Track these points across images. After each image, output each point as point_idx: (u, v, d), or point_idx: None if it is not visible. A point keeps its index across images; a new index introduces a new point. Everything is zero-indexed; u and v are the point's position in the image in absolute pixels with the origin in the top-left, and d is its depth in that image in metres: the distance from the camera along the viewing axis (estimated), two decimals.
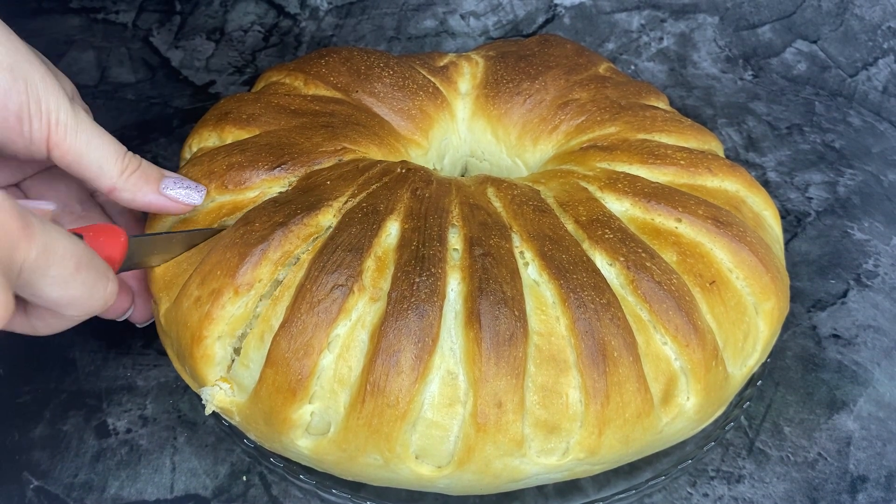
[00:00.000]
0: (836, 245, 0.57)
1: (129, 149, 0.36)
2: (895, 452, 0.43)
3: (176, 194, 0.38)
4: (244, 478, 0.40)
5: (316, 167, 0.40)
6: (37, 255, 0.27)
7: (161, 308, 0.38)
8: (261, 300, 0.35)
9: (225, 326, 0.35)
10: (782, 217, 0.58)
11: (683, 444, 0.40)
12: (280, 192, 0.39)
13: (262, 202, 0.38)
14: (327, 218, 0.37)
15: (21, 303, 0.31)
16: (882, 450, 0.43)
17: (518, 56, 0.52)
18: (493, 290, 0.34)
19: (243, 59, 0.75)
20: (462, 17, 0.79)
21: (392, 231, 0.37)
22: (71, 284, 0.29)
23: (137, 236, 0.35)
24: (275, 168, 0.40)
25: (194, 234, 0.38)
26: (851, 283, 0.53)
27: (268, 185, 0.40)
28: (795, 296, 0.51)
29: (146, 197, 0.37)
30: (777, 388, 0.46)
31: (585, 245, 0.38)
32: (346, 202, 0.38)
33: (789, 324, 0.50)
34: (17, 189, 0.42)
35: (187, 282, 0.36)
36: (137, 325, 0.43)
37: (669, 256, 0.38)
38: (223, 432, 0.41)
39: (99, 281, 0.30)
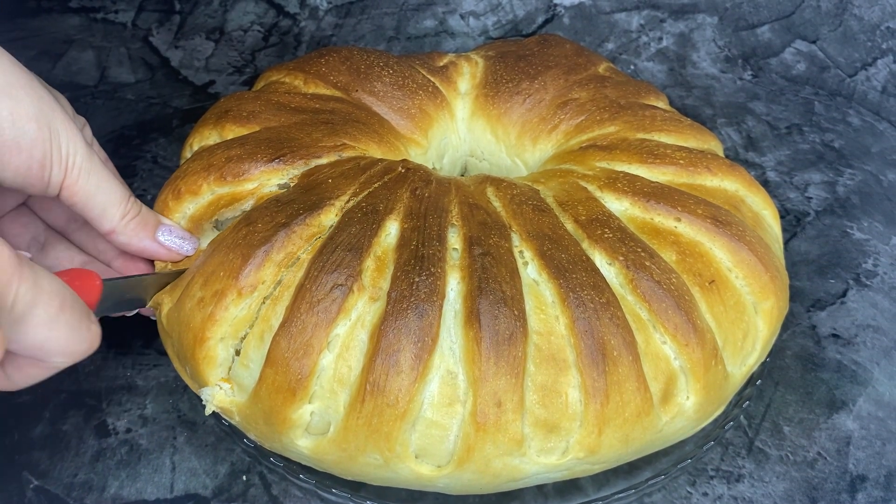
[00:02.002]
0: (836, 245, 0.57)
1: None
2: (894, 452, 0.43)
3: (170, 243, 0.39)
4: (244, 477, 0.40)
5: (315, 161, 0.40)
6: (25, 292, 0.27)
7: (164, 309, 0.38)
8: (264, 301, 0.35)
9: (228, 328, 0.35)
10: (782, 217, 0.58)
11: (683, 443, 0.40)
12: (279, 186, 0.39)
13: (264, 202, 0.38)
14: (329, 217, 0.37)
15: None
16: (881, 449, 0.43)
17: (517, 56, 0.52)
18: (493, 289, 0.34)
19: (243, 58, 0.75)
20: (461, 16, 0.79)
21: (391, 231, 0.37)
22: (56, 325, 0.29)
23: (110, 280, 0.35)
24: (273, 160, 0.40)
25: (170, 275, 0.39)
26: (851, 282, 0.54)
27: (266, 178, 0.40)
28: (795, 295, 0.51)
29: (141, 243, 0.38)
30: (776, 387, 0.46)
31: (585, 244, 0.38)
32: (348, 201, 0.38)
33: (789, 323, 0.50)
34: (25, 207, 0.42)
35: (190, 283, 0.36)
36: (152, 317, 0.43)
37: (669, 256, 0.38)
38: (223, 432, 0.41)
39: (82, 322, 0.30)
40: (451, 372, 0.34)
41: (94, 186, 0.36)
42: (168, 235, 0.39)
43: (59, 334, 0.29)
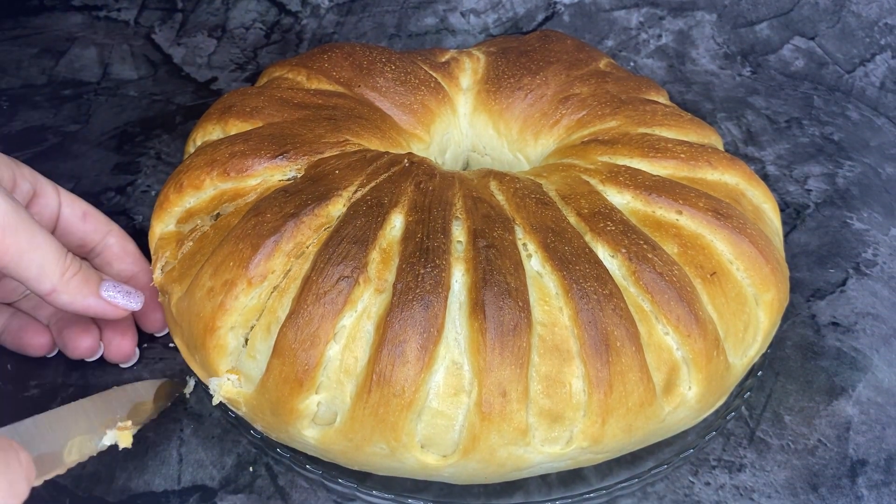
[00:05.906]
0: (836, 235, 0.57)
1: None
2: (894, 436, 0.43)
3: (115, 299, 0.37)
4: (251, 468, 0.41)
5: (318, 157, 0.41)
6: None
7: (173, 298, 0.38)
8: (274, 290, 0.36)
9: (238, 317, 0.36)
10: (781, 210, 0.58)
11: (685, 433, 0.41)
12: (281, 181, 0.40)
13: (271, 192, 0.38)
14: (337, 208, 0.37)
15: None
16: (881, 433, 0.43)
17: (519, 51, 0.52)
18: (497, 281, 0.35)
19: (245, 56, 0.75)
20: (462, 14, 0.79)
21: (396, 223, 0.37)
22: None
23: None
24: (277, 157, 0.40)
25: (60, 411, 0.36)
26: (850, 271, 0.54)
27: (269, 174, 0.40)
28: (795, 286, 0.51)
29: (86, 300, 0.37)
30: (777, 377, 0.46)
31: (587, 237, 0.38)
32: (355, 192, 0.38)
33: (789, 314, 0.50)
34: None
35: (199, 272, 0.37)
36: (156, 335, 0.44)
37: (670, 248, 0.38)
38: (229, 424, 0.41)
39: (20, 481, 0.29)
40: (456, 362, 0.34)
41: (26, 243, 0.34)
42: (113, 290, 0.37)
43: None
